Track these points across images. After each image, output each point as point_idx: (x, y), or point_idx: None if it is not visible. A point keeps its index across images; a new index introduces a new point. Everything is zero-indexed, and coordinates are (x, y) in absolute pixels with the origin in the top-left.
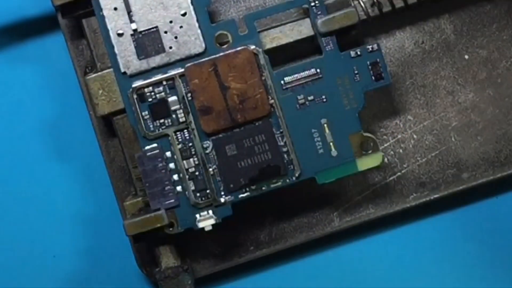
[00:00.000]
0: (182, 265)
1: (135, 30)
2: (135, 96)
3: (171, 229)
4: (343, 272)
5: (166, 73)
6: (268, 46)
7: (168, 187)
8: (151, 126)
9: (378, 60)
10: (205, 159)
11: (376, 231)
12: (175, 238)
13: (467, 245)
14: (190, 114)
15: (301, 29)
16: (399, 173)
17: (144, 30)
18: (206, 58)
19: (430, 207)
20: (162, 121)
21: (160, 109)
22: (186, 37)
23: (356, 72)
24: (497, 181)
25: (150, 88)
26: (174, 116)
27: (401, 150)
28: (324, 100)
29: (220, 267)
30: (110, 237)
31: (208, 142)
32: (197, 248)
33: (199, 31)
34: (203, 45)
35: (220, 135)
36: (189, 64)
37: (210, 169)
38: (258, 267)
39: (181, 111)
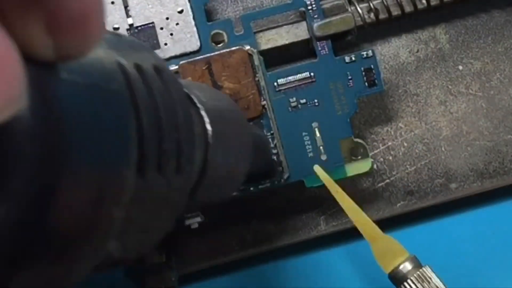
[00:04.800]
0: (167, 261)
1: (131, 25)
2: None
3: None
4: (327, 276)
5: None
6: (264, 47)
7: None
8: None
9: (372, 66)
10: None
11: (362, 237)
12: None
13: (451, 256)
14: None
15: (297, 32)
16: (387, 180)
17: (140, 26)
18: (201, 57)
19: (417, 215)
20: None
21: None
22: (182, 35)
23: (349, 77)
24: (485, 193)
25: None
26: None
27: (390, 158)
28: (316, 104)
29: (204, 265)
30: None
31: None
32: (182, 246)
33: (195, 29)
34: (198, 43)
35: None
36: (183, 62)
37: None
38: (242, 267)
39: None
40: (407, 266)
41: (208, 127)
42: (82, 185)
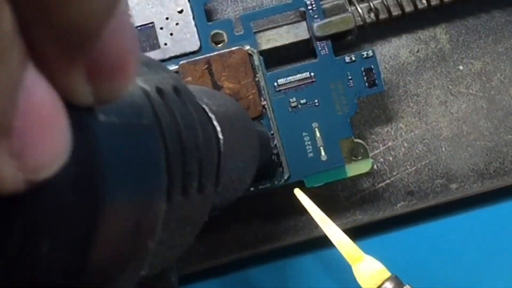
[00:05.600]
0: None
1: None
2: None
3: None
4: (327, 276)
5: None
6: (264, 47)
7: None
8: None
9: (372, 66)
10: None
11: (362, 237)
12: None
13: (451, 256)
14: None
15: (297, 32)
16: (388, 181)
17: (140, 26)
18: (201, 57)
19: (417, 216)
20: None
21: None
22: (182, 35)
23: (349, 77)
24: (485, 193)
25: None
26: None
27: (391, 158)
28: (317, 104)
29: (204, 265)
30: None
31: None
32: None
33: (195, 29)
34: (198, 43)
35: None
36: (183, 62)
37: None
38: (242, 267)
39: None
40: (388, 286)
41: (220, 136)
42: (121, 223)
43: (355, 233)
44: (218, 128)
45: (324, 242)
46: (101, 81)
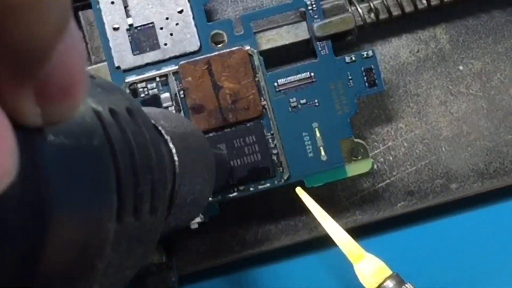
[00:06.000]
0: (167, 262)
1: (131, 25)
2: (127, 91)
3: None
4: (327, 276)
5: (159, 69)
6: (264, 47)
7: None
8: None
9: (372, 66)
10: None
11: (362, 237)
12: (161, 235)
13: (452, 256)
14: (182, 112)
15: (297, 32)
16: (388, 181)
17: (140, 26)
18: (201, 57)
19: (417, 216)
20: None
21: (152, 105)
22: (182, 35)
23: (349, 77)
24: (485, 193)
25: (143, 83)
26: None
27: (391, 158)
28: (317, 104)
29: (204, 265)
30: None
31: None
32: (182, 246)
33: (195, 29)
34: (198, 43)
35: (211, 134)
36: (183, 62)
37: None
38: (242, 267)
39: (173, 108)
40: (389, 284)
41: (175, 157)
42: (68, 243)
43: (356, 233)
44: (174, 150)
45: (324, 242)
46: (50, 103)
